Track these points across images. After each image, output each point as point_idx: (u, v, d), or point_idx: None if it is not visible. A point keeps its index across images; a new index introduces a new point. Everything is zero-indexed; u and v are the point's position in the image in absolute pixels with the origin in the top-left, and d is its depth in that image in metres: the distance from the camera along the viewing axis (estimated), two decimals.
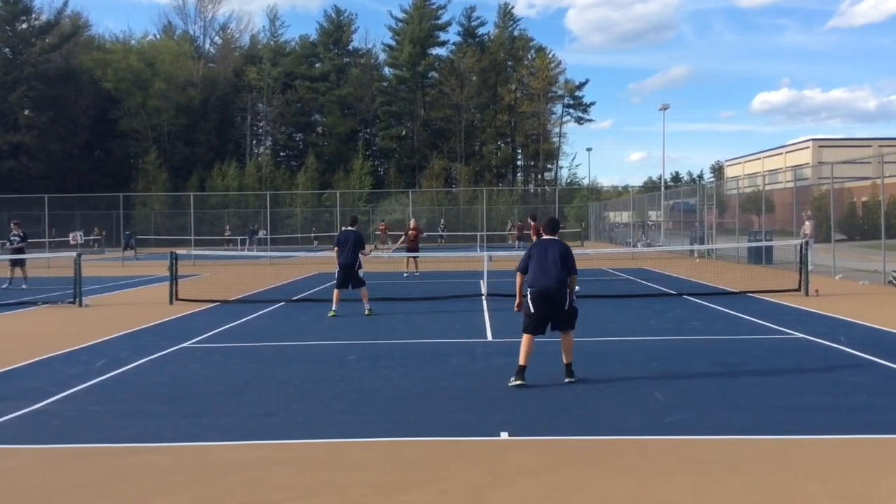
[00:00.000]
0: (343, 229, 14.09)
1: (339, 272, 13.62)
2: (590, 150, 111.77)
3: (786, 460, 5.29)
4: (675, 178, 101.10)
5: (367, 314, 13.40)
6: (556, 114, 78.13)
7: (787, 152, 66.15)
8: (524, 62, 75.94)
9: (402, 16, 76.93)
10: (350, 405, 7.00)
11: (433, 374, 8.34)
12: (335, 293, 13.67)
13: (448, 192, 66.44)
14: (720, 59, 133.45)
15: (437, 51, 77.23)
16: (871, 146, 53.07)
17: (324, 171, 67.87)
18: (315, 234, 49.48)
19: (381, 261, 25.63)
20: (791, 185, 30.43)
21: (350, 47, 77.67)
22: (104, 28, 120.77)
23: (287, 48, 76.40)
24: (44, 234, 35.17)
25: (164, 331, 11.99)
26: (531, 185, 79.07)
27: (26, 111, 63.73)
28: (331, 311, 13.44)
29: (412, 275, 22.88)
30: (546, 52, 76.18)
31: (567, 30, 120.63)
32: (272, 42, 75.98)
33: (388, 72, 77.77)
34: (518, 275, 7.88)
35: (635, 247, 37.24)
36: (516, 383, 7.50)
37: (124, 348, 10.27)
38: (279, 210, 55.38)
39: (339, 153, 69.93)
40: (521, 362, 7.57)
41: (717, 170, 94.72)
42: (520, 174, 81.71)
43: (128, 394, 7.60)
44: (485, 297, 15.95)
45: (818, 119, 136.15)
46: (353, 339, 10.92)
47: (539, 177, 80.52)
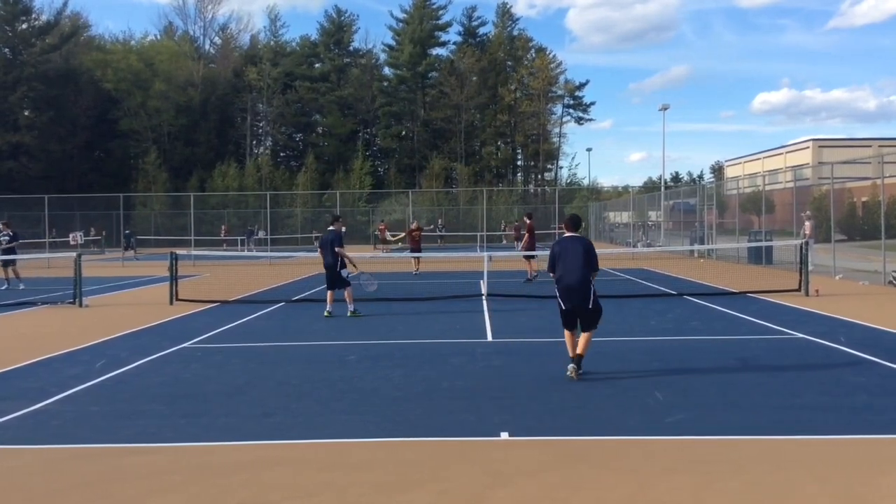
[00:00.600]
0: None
1: (325, 274, 13.70)
2: (590, 150, 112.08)
3: (786, 460, 5.29)
4: (675, 178, 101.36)
5: (350, 315, 13.33)
6: (556, 114, 78.37)
7: (787, 152, 66.15)
8: (524, 62, 75.91)
9: (402, 16, 77.17)
10: (350, 405, 7.00)
11: (433, 374, 8.34)
12: (328, 294, 13.73)
13: (448, 193, 66.44)
14: (720, 59, 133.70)
15: (437, 51, 77.41)
16: (871, 146, 53.10)
17: (324, 171, 67.81)
18: (315, 235, 49.45)
19: (391, 261, 25.65)
20: (791, 185, 30.44)
21: (350, 47, 77.70)
22: (104, 28, 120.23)
23: (287, 48, 76.32)
24: (44, 234, 35.14)
25: (164, 331, 12.00)
26: (531, 186, 79.08)
27: (26, 111, 63.68)
28: (325, 311, 13.47)
29: (417, 273, 23.26)
30: (546, 52, 76.41)
31: (567, 30, 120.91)
32: (272, 42, 75.88)
33: (388, 72, 77.88)
34: (553, 275, 8.30)
35: (635, 247, 37.22)
36: (570, 374, 7.81)
37: (124, 348, 10.27)
38: (279, 210, 55.35)
39: (339, 153, 69.85)
40: (570, 354, 8.03)
41: (717, 170, 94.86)
42: (520, 174, 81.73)
43: (128, 394, 7.60)
44: (485, 297, 15.96)
45: (818, 119, 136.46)
46: (353, 339, 10.92)
47: (539, 177, 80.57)
